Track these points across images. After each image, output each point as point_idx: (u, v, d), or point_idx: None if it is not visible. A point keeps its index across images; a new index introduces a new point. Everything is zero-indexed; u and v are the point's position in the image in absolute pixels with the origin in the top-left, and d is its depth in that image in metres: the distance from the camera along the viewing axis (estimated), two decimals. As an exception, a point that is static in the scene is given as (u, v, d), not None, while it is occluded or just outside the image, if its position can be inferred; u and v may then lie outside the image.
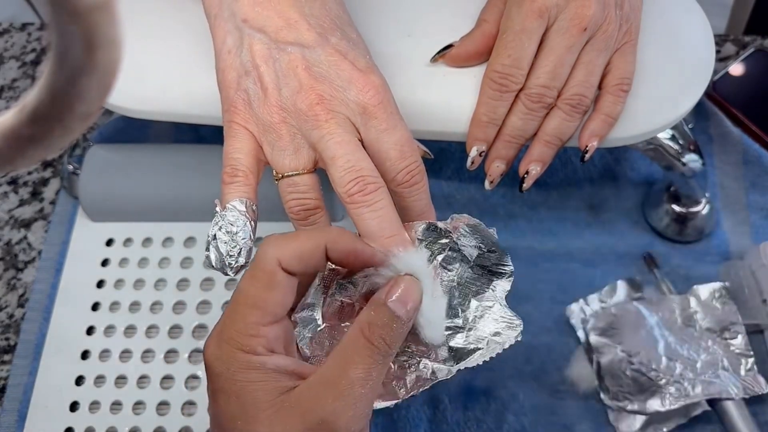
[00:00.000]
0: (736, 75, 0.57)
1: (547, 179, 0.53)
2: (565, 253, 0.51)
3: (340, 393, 0.28)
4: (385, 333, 0.29)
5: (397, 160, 0.33)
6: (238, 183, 0.33)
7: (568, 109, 0.38)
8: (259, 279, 0.29)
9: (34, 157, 0.18)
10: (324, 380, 0.28)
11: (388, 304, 0.29)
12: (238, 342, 0.28)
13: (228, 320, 0.29)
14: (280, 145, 0.33)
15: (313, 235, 0.30)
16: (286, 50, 0.33)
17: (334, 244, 0.30)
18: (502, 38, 0.38)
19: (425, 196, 0.34)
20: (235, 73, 0.34)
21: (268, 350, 0.29)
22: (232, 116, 0.34)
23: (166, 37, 0.43)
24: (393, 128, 0.33)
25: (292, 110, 0.32)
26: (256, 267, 0.29)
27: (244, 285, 0.29)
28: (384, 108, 0.33)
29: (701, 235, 0.51)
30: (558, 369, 0.48)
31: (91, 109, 0.17)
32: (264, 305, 0.29)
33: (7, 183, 0.56)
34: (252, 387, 0.28)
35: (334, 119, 0.32)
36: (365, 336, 0.29)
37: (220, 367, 0.28)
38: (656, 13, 0.42)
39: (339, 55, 0.33)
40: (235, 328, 0.29)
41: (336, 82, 0.33)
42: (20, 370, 0.48)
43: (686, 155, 0.46)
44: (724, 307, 0.47)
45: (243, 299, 0.29)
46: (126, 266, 0.50)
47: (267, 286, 0.29)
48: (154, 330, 0.48)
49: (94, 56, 0.16)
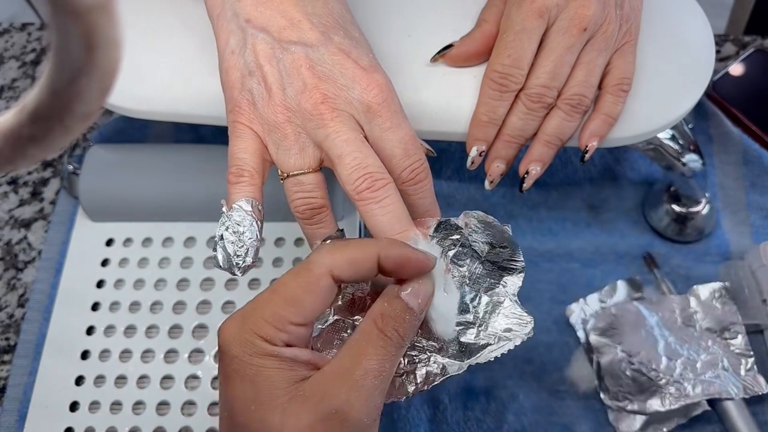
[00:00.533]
0: (736, 75, 0.57)
1: (547, 179, 0.53)
2: (565, 253, 0.51)
3: (354, 383, 0.28)
4: (398, 324, 0.29)
5: (401, 158, 0.33)
6: (243, 183, 0.33)
7: (568, 109, 0.38)
8: (304, 278, 0.29)
9: (34, 157, 0.18)
10: (338, 371, 0.28)
11: (402, 296, 0.30)
12: (262, 329, 0.28)
13: (258, 306, 0.29)
14: (285, 144, 0.33)
15: (366, 244, 0.30)
16: (289, 50, 0.33)
17: (386, 253, 0.30)
18: (502, 38, 0.38)
19: (430, 194, 0.34)
20: (239, 74, 0.34)
21: (287, 345, 0.29)
22: (237, 116, 0.34)
23: (166, 36, 0.43)
24: (397, 126, 0.33)
25: (296, 109, 0.33)
26: (305, 267, 0.29)
27: (288, 279, 0.29)
28: (388, 106, 0.33)
29: (701, 235, 0.51)
30: (558, 369, 0.48)
31: (91, 109, 0.17)
32: (301, 305, 0.29)
33: (7, 183, 0.56)
34: (268, 373, 0.28)
35: (338, 118, 0.32)
36: (379, 327, 0.29)
37: (237, 348, 0.28)
38: (656, 13, 0.42)
39: (342, 54, 0.33)
40: (263, 315, 0.28)
41: (340, 81, 0.33)
42: (20, 370, 0.48)
43: (686, 155, 0.47)
44: (724, 307, 0.47)
45: (282, 291, 0.29)
46: (126, 266, 0.50)
47: (310, 288, 0.29)
48: (154, 330, 0.48)
49: (94, 56, 0.16)
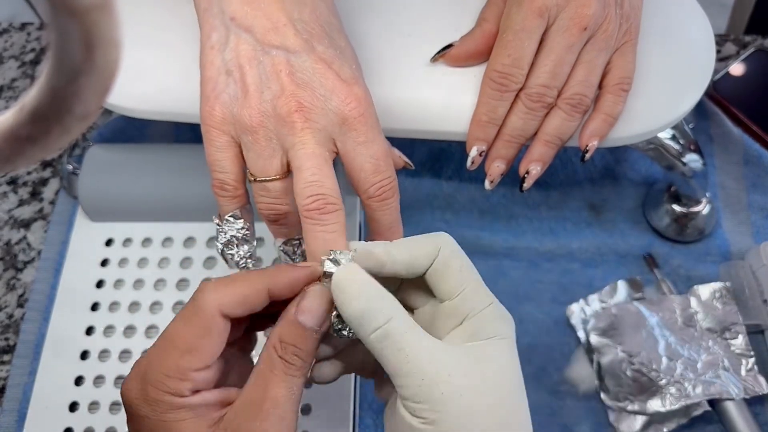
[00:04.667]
0: (737, 75, 0.57)
1: (547, 179, 0.53)
2: (565, 253, 0.51)
3: (265, 414, 0.28)
4: (297, 348, 0.29)
5: (371, 174, 0.32)
6: (228, 197, 0.34)
7: (569, 109, 0.38)
8: (195, 324, 0.29)
9: (34, 157, 0.18)
10: (248, 403, 0.29)
11: (297, 318, 0.29)
12: (165, 385, 0.28)
13: (155, 361, 0.29)
14: (255, 148, 0.33)
15: (254, 278, 0.30)
16: (270, 53, 0.32)
17: (275, 282, 0.30)
18: (502, 38, 0.38)
19: (395, 212, 0.34)
20: (216, 71, 0.33)
21: (194, 392, 0.29)
22: (210, 120, 0.33)
23: (166, 36, 0.42)
24: (371, 141, 0.32)
25: (271, 114, 0.32)
26: (193, 311, 0.29)
27: (178, 327, 0.29)
28: (365, 120, 0.32)
29: (702, 235, 0.51)
30: (558, 369, 0.48)
31: (91, 109, 0.17)
32: (198, 351, 0.28)
33: (6, 183, 0.56)
34: (183, 425, 0.28)
35: (309, 129, 0.32)
36: (279, 355, 0.29)
37: (145, 409, 0.28)
38: (656, 13, 0.42)
39: (324, 63, 0.32)
40: (163, 370, 0.28)
41: (318, 91, 0.32)
42: (20, 370, 0.48)
43: (687, 155, 0.46)
44: (725, 308, 0.47)
45: (175, 342, 0.29)
46: (125, 266, 0.50)
47: (204, 332, 0.29)
48: (153, 330, 0.48)
49: (93, 56, 0.16)
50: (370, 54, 0.41)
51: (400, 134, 0.41)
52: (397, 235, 0.34)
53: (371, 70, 0.40)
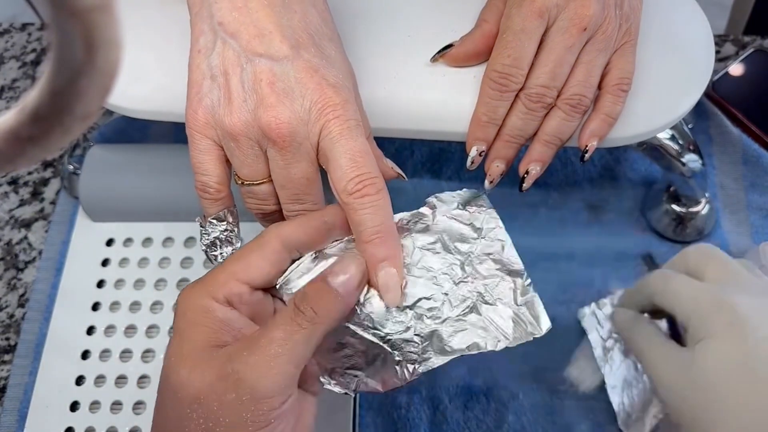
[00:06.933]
0: (736, 75, 0.57)
1: (547, 179, 0.53)
2: (565, 253, 0.51)
3: (257, 348, 0.29)
4: (315, 302, 0.30)
5: (348, 169, 0.31)
6: (211, 199, 0.35)
7: (568, 109, 0.38)
8: (255, 241, 0.32)
9: (34, 157, 0.18)
10: (248, 339, 0.30)
11: (326, 277, 0.31)
12: (207, 285, 0.30)
13: (212, 270, 0.31)
14: (238, 154, 0.33)
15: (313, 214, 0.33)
16: (254, 61, 0.32)
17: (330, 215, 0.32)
18: (501, 38, 0.38)
19: (380, 211, 0.32)
20: (201, 75, 0.33)
21: (227, 302, 0.30)
22: (193, 124, 0.34)
23: (167, 37, 0.43)
24: (347, 138, 0.32)
25: (252, 123, 0.32)
26: (259, 235, 0.32)
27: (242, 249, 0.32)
28: (341, 123, 0.32)
29: (701, 235, 0.51)
30: (558, 369, 0.48)
31: (91, 110, 0.17)
32: (246, 261, 0.31)
33: (7, 183, 0.56)
34: (193, 329, 0.29)
35: (289, 148, 0.32)
36: (295, 303, 0.30)
37: (182, 304, 0.30)
38: (656, 13, 0.42)
39: (308, 71, 0.32)
40: (212, 274, 0.31)
41: (298, 101, 0.32)
42: (20, 370, 0.48)
43: (686, 155, 0.46)
44: (724, 307, 0.47)
45: (234, 255, 0.32)
46: (126, 266, 0.50)
47: (258, 248, 0.31)
48: (154, 330, 0.48)
49: (94, 57, 0.16)
50: (369, 54, 0.41)
51: (400, 134, 0.41)
52: (390, 241, 0.32)
53: (371, 71, 0.40)
